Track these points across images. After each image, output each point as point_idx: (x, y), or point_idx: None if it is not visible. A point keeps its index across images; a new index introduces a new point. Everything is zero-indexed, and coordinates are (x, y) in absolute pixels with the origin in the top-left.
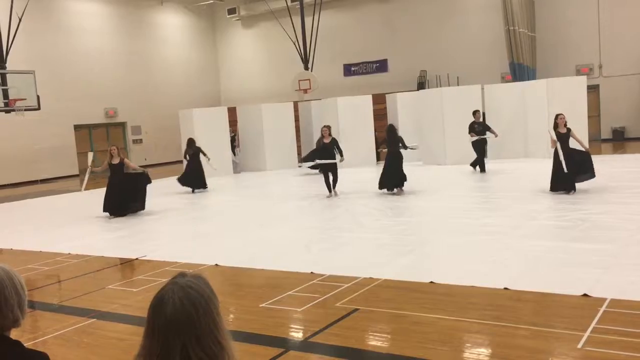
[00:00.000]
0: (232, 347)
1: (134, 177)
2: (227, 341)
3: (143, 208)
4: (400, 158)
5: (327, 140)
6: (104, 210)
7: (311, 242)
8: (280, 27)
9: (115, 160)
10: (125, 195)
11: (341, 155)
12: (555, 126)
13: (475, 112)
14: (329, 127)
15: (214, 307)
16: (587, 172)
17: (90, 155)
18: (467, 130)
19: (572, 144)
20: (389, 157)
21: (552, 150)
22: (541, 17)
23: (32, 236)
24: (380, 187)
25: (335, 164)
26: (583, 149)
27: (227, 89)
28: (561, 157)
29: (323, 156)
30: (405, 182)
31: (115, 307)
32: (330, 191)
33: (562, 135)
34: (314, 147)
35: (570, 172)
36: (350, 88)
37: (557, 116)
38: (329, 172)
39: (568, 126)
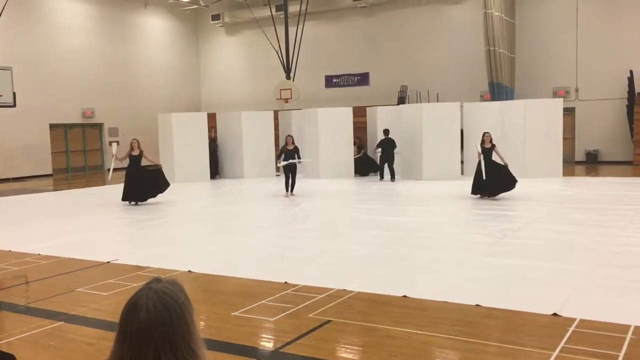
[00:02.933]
0: (205, 355)
1: (151, 171)
2: (200, 349)
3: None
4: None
5: (290, 147)
6: (123, 199)
7: (286, 251)
8: (263, 36)
9: (136, 152)
10: (145, 184)
11: (299, 159)
12: (482, 142)
13: (385, 131)
14: (292, 137)
15: (188, 314)
16: (510, 184)
17: (115, 145)
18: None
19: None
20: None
21: (477, 161)
22: (521, 39)
23: (1, 235)
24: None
25: (296, 166)
26: (502, 163)
27: (208, 95)
28: (482, 167)
29: (286, 160)
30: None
31: (84, 310)
32: (287, 191)
33: (487, 150)
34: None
35: (489, 179)
36: (331, 99)
37: (484, 134)
38: (290, 172)
39: (493, 142)
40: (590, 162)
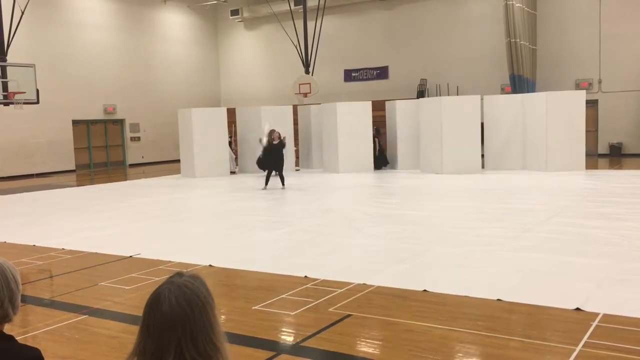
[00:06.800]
0: (226, 349)
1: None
2: (222, 343)
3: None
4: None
5: (276, 142)
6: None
7: (306, 245)
8: (282, 30)
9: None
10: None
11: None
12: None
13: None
14: (278, 132)
15: (209, 308)
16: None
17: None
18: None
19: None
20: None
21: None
22: (543, 30)
23: (26, 230)
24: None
25: (282, 164)
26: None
27: (227, 90)
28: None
29: (273, 156)
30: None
31: (108, 304)
32: (266, 184)
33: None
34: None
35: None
36: (350, 93)
37: (377, 129)
38: (274, 169)
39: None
40: (614, 155)
